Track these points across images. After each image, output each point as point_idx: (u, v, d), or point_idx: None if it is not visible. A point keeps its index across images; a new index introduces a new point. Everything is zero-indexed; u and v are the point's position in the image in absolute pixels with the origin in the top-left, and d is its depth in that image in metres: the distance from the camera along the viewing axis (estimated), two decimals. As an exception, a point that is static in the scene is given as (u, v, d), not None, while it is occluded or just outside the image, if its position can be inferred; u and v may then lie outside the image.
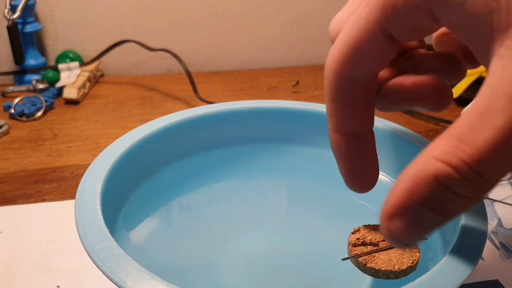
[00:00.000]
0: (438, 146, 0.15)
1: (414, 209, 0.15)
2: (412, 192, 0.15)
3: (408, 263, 0.22)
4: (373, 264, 0.23)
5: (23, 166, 0.42)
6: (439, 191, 0.15)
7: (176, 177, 0.33)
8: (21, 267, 0.31)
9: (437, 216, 0.15)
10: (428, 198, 0.15)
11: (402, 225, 0.16)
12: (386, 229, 0.17)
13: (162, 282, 0.19)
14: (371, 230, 0.25)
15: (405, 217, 0.16)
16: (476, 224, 0.24)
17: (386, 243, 0.24)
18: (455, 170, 0.14)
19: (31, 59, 0.58)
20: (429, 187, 0.15)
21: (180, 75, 0.63)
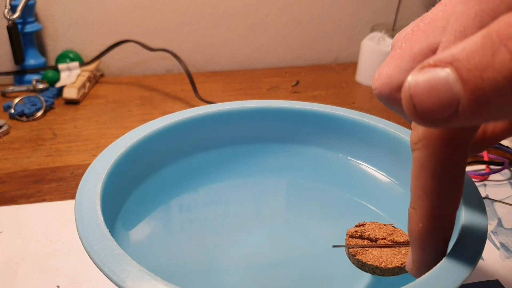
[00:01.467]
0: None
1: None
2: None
3: (397, 263, 0.22)
4: (361, 256, 0.23)
5: (23, 166, 0.42)
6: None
7: (176, 177, 0.33)
8: (21, 267, 0.31)
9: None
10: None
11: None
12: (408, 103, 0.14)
13: (162, 282, 0.19)
14: (375, 227, 0.25)
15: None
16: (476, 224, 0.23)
17: (385, 242, 0.24)
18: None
19: (31, 59, 0.58)
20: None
21: (180, 75, 0.63)
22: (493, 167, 0.42)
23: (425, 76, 0.14)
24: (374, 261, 0.22)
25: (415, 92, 0.14)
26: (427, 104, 0.14)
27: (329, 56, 0.71)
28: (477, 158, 0.44)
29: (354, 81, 0.63)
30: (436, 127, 0.16)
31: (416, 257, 0.19)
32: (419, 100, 0.14)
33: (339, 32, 0.69)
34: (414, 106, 0.14)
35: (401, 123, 0.33)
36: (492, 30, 0.12)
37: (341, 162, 0.35)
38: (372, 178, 0.33)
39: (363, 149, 0.34)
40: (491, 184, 0.40)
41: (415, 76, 0.14)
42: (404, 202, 0.31)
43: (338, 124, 0.34)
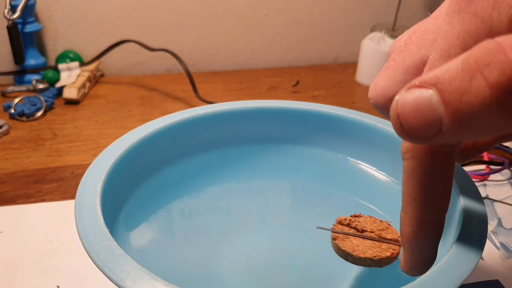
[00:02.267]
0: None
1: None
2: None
3: (370, 255, 0.22)
4: (340, 241, 0.23)
5: (23, 166, 0.42)
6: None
7: (176, 177, 0.33)
8: (21, 267, 0.31)
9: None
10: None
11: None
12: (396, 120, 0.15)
13: (162, 282, 0.19)
14: (369, 220, 0.25)
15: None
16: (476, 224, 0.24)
17: (371, 235, 0.24)
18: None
19: (31, 59, 0.58)
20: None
21: (180, 75, 0.63)
22: (493, 167, 0.42)
23: (412, 96, 0.14)
24: (349, 248, 0.23)
25: (402, 111, 0.15)
26: (413, 123, 0.15)
27: (329, 56, 0.71)
28: (477, 158, 0.44)
29: (354, 81, 0.63)
30: (422, 144, 0.16)
31: (407, 257, 0.20)
32: (405, 119, 0.15)
33: (339, 32, 0.69)
34: (401, 124, 0.15)
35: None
36: (471, 56, 0.13)
37: (341, 162, 0.35)
38: (372, 178, 0.33)
39: (363, 149, 0.34)
40: (491, 184, 0.40)
41: (402, 96, 0.15)
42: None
43: (338, 124, 0.34)
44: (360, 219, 0.25)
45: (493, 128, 0.14)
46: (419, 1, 0.69)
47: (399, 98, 0.15)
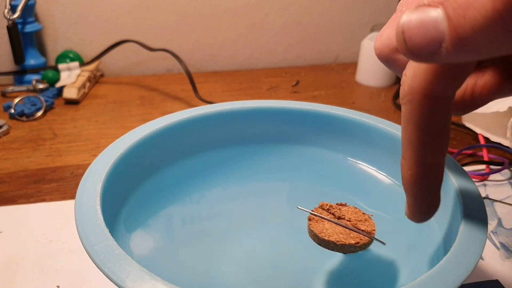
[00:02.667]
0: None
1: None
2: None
3: (334, 239, 0.23)
4: (312, 223, 0.24)
5: (23, 165, 0.42)
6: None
7: (176, 177, 0.33)
8: (21, 267, 0.31)
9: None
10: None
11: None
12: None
13: (162, 282, 0.19)
14: (351, 210, 0.26)
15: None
16: (476, 224, 0.24)
17: (347, 223, 0.25)
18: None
19: (31, 59, 0.58)
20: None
21: (180, 75, 0.63)
22: (493, 167, 0.42)
23: (418, 14, 0.15)
24: (317, 229, 0.24)
25: (407, 27, 0.15)
26: (415, 39, 0.15)
27: (329, 56, 0.71)
28: (477, 158, 0.44)
29: (354, 81, 0.63)
30: (422, 62, 0.17)
31: (410, 202, 0.21)
32: (409, 35, 0.15)
33: (339, 32, 0.69)
34: (404, 40, 0.16)
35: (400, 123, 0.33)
36: None
37: (341, 162, 0.35)
38: (372, 178, 0.33)
39: (363, 149, 0.34)
40: (491, 184, 0.40)
41: (409, 14, 0.15)
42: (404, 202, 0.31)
43: (338, 124, 0.34)
44: (343, 208, 0.26)
45: (492, 46, 0.14)
46: (419, 1, 0.69)
47: (405, 16, 0.15)
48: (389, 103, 0.56)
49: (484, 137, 0.46)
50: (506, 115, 0.45)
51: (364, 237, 0.23)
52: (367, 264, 0.28)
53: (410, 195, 0.21)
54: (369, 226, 0.25)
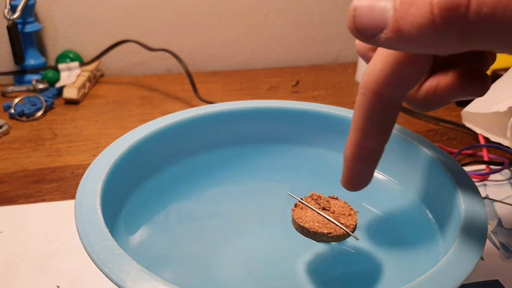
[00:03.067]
0: None
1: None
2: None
3: (310, 226, 0.24)
4: (295, 209, 0.25)
5: (23, 166, 0.42)
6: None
7: (176, 177, 0.33)
8: (21, 267, 0.31)
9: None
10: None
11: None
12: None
13: (162, 282, 0.19)
14: (339, 204, 0.26)
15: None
16: (476, 224, 0.24)
17: (330, 214, 0.25)
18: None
19: (31, 59, 0.58)
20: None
21: (180, 75, 0.63)
22: (493, 167, 0.42)
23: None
24: (297, 215, 0.25)
25: (359, 7, 0.18)
26: (363, 19, 0.18)
27: (329, 56, 0.71)
28: (477, 158, 0.44)
29: (354, 81, 0.63)
30: (365, 42, 0.19)
31: (344, 173, 0.24)
32: (359, 14, 0.18)
33: (339, 32, 0.69)
34: (354, 18, 0.18)
35: (401, 123, 0.33)
36: None
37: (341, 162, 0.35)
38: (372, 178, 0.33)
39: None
40: (491, 184, 0.40)
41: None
42: (404, 202, 0.31)
43: (338, 124, 0.34)
44: (332, 200, 0.27)
45: (424, 44, 0.16)
46: (419, 1, 0.69)
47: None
48: (389, 103, 0.56)
49: (484, 137, 0.46)
50: (506, 115, 0.45)
51: (339, 229, 0.24)
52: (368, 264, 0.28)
53: (346, 168, 0.24)
54: (350, 220, 0.25)
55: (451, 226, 0.26)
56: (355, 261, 0.28)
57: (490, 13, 0.15)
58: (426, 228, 0.29)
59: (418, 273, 0.21)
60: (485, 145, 0.44)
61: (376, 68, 0.21)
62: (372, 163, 0.24)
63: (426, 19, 0.16)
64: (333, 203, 0.26)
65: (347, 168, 0.24)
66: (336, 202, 0.27)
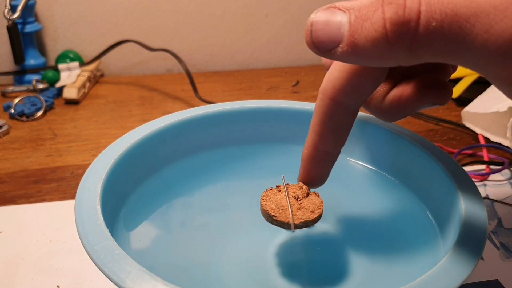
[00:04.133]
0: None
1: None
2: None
3: (270, 211, 0.25)
4: (273, 190, 0.27)
5: (23, 166, 0.42)
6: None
7: (176, 177, 0.33)
8: (21, 267, 0.31)
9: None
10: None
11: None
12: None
13: (162, 282, 0.19)
14: (313, 200, 0.26)
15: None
16: (476, 224, 0.24)
17: (294, 203, 0.26)
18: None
19: (31, 59, 0.58)
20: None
21: (180, 75, 0.63)
22: (493, 167, 0.42)
23: (327, 14, 0.18)
24: (267, 206, 0.26)
25: (316, 22, 0.18)
26: (319, 34, 0.18)
27: (329, 56, 0.71)
28: (477, 158, 0.44)
29: (354, 81, 0.63)
30: (322, 56, 0.19)
31: (301, 173, 0.26)
32: (315, 29, 0.18)
33: (339, 32, 0.69)
34: (311, 33, 0.18)
35: (401, 123, 0.33)
36: None
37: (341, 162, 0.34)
38: (372, 178, 0.33)
39: (363, 149, 0.34)
40: (491, 184, 0.40)
41: (320, 11, 0.18)
42: (405, 202, 0.31)
43: (338, 124, 0.34)
44: (312, 195, 0.26)
45: (379, 57, 0.17)
46: (419, 1, 0.69)
47: (318, 11, 0.18)
48: (389, 103, 0.56)
49: (484, 137, 0.46)
50: (506, 115, 0.45)
51: (285, 217, 0.25)
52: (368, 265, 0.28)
53: (302, 168, 0.26)
54: (305, 215, 0.25)
55: (451, 226, 0.26)
56: (355, 261, 0.28)
57: (438, 27, 0.16)
58: (426, 228, 0.29)
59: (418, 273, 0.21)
60: (485, 145, 0.44)
61: (333, 76, 0.22)
62: (327, 164, 0.25)
63: (379, 33, 0.16)
64: (310, 197, 0.26)
65: (304, 167, 0.26)
66: (313, 197, 0.26)
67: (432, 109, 0.54)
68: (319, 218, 0.25)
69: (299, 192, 0.26)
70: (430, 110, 0.54)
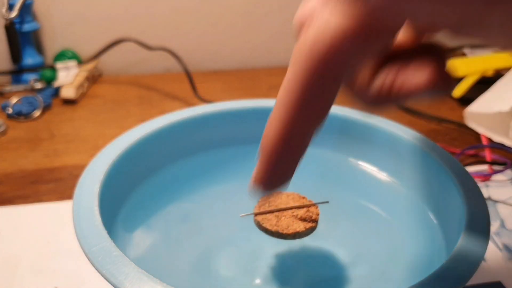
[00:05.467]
0: None
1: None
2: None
3: (268, 227, 0.25)
4: (260, 219, 0.26)
5: (21, 166, 0.42)
6: None
7: (175, 177, 0.32)
8: (18, 268, 0.30)
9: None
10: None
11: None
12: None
13: (160, 284, 0.19)
14: (289, 197, 0.28)
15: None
16: (478, 225, 0.23)
17: (284, 213, 0.26)
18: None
19: (28, 58, 0.58)
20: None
21: (179, 74, 0.63)
22: (495, 167, 0.42)
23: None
24: (264, 221, 0.26)
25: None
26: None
27: (329, 56, 0.71)
28: (480, 158, 0.44)
29: (354, 80, 0.63)
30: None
31: (261, 170, 0.20)
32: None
33: (339, 32, 0.69)
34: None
35: (402, 123, 0.33)
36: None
37: (342, 162, 0.34)
38: (372, 178, 0.33)
39: (364, 149, 0.34)
40: (494, 184, 0.40)
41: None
42: (406, 202, 0.31)
43: (338, 124, 0.34)
44: (304, 206, 0.27)
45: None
46: (419, 1, 0.69)
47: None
48: (389, 103, 0.56)
49: (487, 137, 0.46)
50: (509, 115, 0.44)
51: (276, 228, 0.25)
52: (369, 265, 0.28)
53: (263, 161, 0.19)
54: (291, 226, 0.25)
55: (453, 227, 0.26)
56: (355, 262, 0.28)
57: None
58: (428, 229, 0.28)
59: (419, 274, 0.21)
60: (488, 145, 0.44)
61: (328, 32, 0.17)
62: (299, 154, 0.20)
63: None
64: (279, 200, 0.27)
65: (266, 161, 0.19)
66: (284, 197, 0.27)
67: (434, 109, 0.54)
68: (312, 231, 0.26)
69: (275, 202, 0.27)
70: (432, 110, 0.54)
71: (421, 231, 0.29)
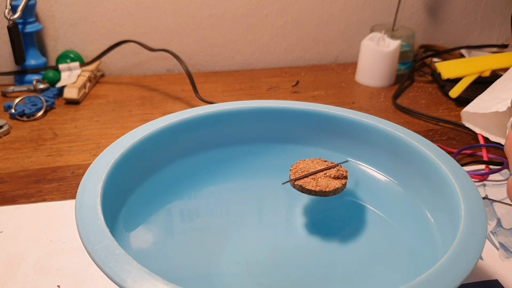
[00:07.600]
0: None
1: None
2: None
3: (312, 188, 0.28)
4: (298, 179, 0.29)
5: (24, 165, 0.42)
6: None
7: (176, 177, 0.33)
8: (21, 266, 0.31)
9: None
10: None
11: None
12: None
13: (162, 282, 0.19)
14: (314, 163, 0.31)
15: None
16: (476, 224, 0.24)
17: (320, 174, 0.29)
18: None
19: (31, 59, 0.58)
20: None
21: (181, 75, 0.63)
22: (492, 167, 0.42)
23: None
24: (310, 186, 0.29)
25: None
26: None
27: (329, 57, 0.71)
28: (477, 158, 0.44)
29: (353, 81, 0.63)
30: None
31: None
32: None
33: (339, 32, 0.69)
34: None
35: (401, 123, 0.33)
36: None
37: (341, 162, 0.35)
38: (372, 178, 0.33)
39: (363, 149, 0.34)
40: (491, 184, 0.40)
41: None
42: (404, 202, 0.31)
43: (338, 124, 0.34)
44: (337, 168, 0.30)
45: None
46: (419, 2, 0.69)
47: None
48: (389, 103, 0.56)
49: (484, 137, 0.46)
50: (505, 115, 0.45)
51: (320, 188, 0.28)
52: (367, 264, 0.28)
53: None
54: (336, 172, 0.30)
55: (450, 226, 0.26)
56: (354, 261, 0.28)
57: None
58: (425, 228, 0.29)
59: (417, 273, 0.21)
60: (485, 145, 0.44)
61: None
62: None
63: None
64: (332, 170, 0.30)
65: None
66: (337, 169, 0.30)
67: (432, 110, 0.54)
68: (341, 189, 0.29)
69: (310, 166, 0.30)
70: (430, 110, 0.54)
71: (418, 230, 0.29)
